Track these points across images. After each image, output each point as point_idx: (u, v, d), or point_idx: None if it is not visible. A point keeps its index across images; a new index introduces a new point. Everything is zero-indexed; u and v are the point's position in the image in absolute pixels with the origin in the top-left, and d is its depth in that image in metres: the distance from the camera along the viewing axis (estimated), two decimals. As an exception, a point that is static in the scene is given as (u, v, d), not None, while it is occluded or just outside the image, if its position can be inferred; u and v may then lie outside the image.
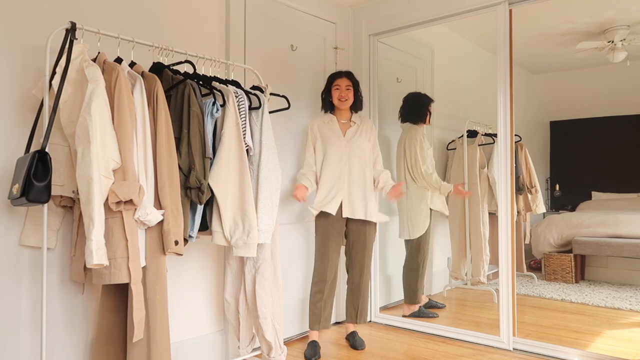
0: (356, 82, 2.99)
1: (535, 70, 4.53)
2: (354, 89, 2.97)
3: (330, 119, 3.00)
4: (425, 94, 3.62)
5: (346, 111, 3.01)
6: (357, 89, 2.99)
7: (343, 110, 3.00)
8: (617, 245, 3.83)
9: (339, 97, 2.94)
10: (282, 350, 2.51)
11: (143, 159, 1.92)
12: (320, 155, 2.95)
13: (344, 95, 2.93)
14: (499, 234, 2.94)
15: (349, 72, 3.00)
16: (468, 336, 3.06)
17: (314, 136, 2.98)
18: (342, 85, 2.95)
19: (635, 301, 3.60)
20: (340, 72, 2.99)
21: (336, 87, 2.96)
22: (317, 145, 2.96)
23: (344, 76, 2.96)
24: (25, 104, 2.02)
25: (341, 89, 2.94)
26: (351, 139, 2.96)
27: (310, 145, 2.98)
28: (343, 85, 2.95)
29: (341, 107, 2.97)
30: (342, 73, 2.98)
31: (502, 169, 2.94)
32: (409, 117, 3.53)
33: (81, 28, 1.93)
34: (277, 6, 3.12)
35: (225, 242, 2.25)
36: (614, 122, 4.20)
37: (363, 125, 3.02)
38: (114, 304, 2.05)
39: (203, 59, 2.40)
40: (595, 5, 3.64)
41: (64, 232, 2.11)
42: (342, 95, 2.93)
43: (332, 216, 2.89)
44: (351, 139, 2.96)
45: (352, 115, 3.03)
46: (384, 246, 3.68)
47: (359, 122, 3.02)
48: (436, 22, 3.27)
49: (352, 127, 3.00)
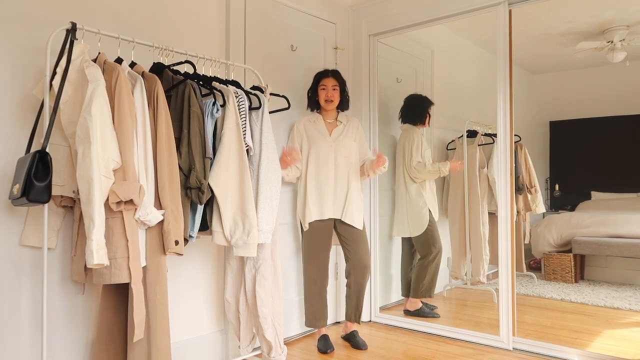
0: (342, 82, 2.98)
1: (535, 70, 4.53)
2: (340, 89, 2.96)
3: (316, 118, 3.00)
4: (425, 96, 3.63)
5: (333, 111, 3.01)
6: (343, 89, 2.98)
7: (329, 110, 3.00)
8: (616, 245, 3.83)
9: (325, 97, 2.94)
10: (282, 350, 2.51)
11: (143, 159, 1.92)
12: (305, 155, 2.95)
13: (330, 96, 2.93)
14: (498, 233, 2.95)
15: (335, 72, 2.98)
16: (468, 336, 3.06)
17: (299, 135, 2.98)
18: (329, 85, 2.94)
19: (635, 301, 3.60)
20: (327, 72, 2.97)
21: (322, 87, 2.95)
22: (303, 145, 2.97)
23: (331, 76, 2.95)
24: (25, 104, 2.03)
25: (327, 89, 2.93)
26: (337, 139, 2.96)
27: (297, 144, 2.97)
28: (329, 85, 2.94)
29: (327, 108, 2.97)
30: (328, 72, 2.97)
31: (502, 169, 2.95)
32: (408, 119, 3.55)
33: (81, 28, 1.94)
34: (277, 6, 3.13)
35: (226, 242, 2.26)
36: (614, 122, 4.20)
37: (349, 124, 3.02)
38: (115, 303, 2.05)
39: (203, 59, 2.40)
40: (595, 5, 3.64)
41: (64, 232, 2.11)
42: (328, 96, 2.93)
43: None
44: (337, 139, 2.96)
45: (338, 114, 3.03)
46: (385, 246, 3.69)
47: (345, 121, 3.02)
48: (436, 22, 3.27)
49: (338, 126, 3.00)
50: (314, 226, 2.93)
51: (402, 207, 3.56)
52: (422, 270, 3.47)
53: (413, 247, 3.54)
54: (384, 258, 3.68)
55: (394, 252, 3.75)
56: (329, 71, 2.98)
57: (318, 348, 2.91)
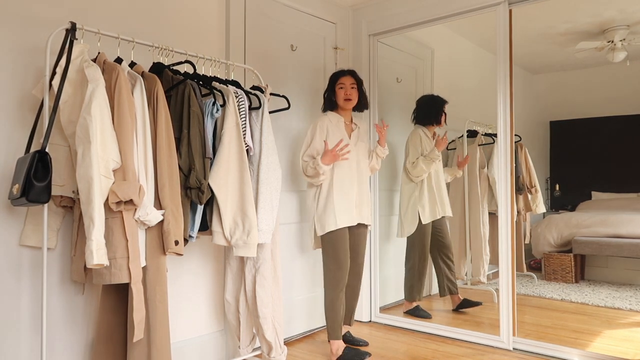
0: (360, 81, 2.89)
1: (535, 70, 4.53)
2: (358, 88, 2.87)
3: (337, 120, 2.87)
4: (438, 95, 3.63)
5: (349, 112, 2.92)
6: (361, 88, 2.89)
7: (347, 111, 2.90)
8: (617, 245, 3.83)
9: (345, 96, 2.82)
10: (282, 350, 2.51)
11: (143, 159, 1.92)
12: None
13: (350, 94, 2.82)
14: (499, 233, 2.95)
15: (352, 71, 2.89)
16: (468, 336, 3.06)
17: (323, 134, 2.79)
18: (347, 84, 2.82)
19: (635, 301, 3.60)
20: (344, 71, 2.88)
21: (340, 85, 2.83)
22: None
23: (348, 74, 2.85)
24: (25, 104, 2.02)
25: (346, 88, 2.82)
26: (357, 143, 2.89)
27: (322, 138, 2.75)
28: (348, 83, 2.83)
29: (346, 107, 2.85)
30: (345, 71, 2.87)
31: (502, 169, 2.95)
32: (423, 120, 3.56)
33: (81, 28, 1.93)
34: (277, 6, 3.12)
35: (225, 242, 2.25)
36: (614, 122, 4.20)
37: (361, 127, 2.98)
38: (114, 304, 2.05)
39: (203, 59, 2.40)
40: (595, 5, 3.64)
41: (64, 232, 2.11)
42: (347, 94, 2.81)
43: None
44: (357, 143, 2.89)
45: (352, 117, 2.98)
46: (385, 245, 3.69)
47: (359, 123, 2.96)
48: (436, 22, 3.27)
49: (354, 130, 2.92)
50: (339, 232, 2.77)
51: (399, 208, 3.58)
52: (408, 273, 3.54)
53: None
54: (384, 258, 3.68)
55: (394, 253, 3.75)
56: (346, 70, 2.88)
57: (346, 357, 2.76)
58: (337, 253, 2.76)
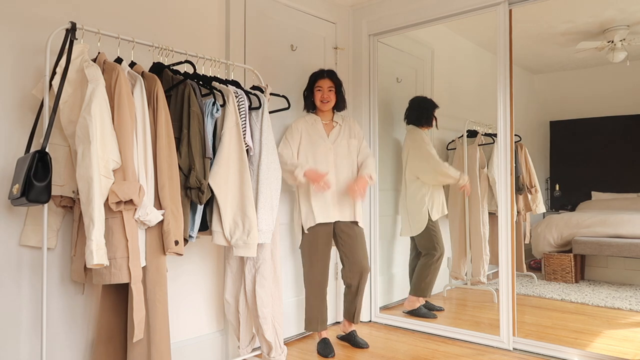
0: (339, 83, 2.94)
1: (535, 70, 4.53)
2: (336, 90, 2.92)
3: (314, 120, 2.95)
4: (430, 98, 3.64)
5: (329, 112, 2.99)
6: (339, 90, 2.94)
7: (326, 111, 2.97)
8: (617, 245, 3.83)
9: (321, 99, 2.90)
10: (282, 350, 2.51)
11: (143, 159, 1.92)
12: (304, 158, 2.87)
13: (326, 97, 2.89)
14: (498, 234, 2.94)
15: (331, 73, 2.92)
16: (468, 336, 3.06)
17: (298, 135, 2.90)
18: (324, 87, 2.89)
19: (635, 301, 3.60)
20: (323, 72, 2.92)
21: (318, 88, 2.91)
22: (301, 147, 2.89)
23: (326, 77, 2.90)
24: (25, 104, 2.02)
25: (323, 91, 2.89)
26: (335, 140, 2.94)
27: (295, 144, 2.88)
28: (325, 86, 2.89)
29: (323, 109, 2.93)
30: (324, 73, 2.91)
31: (502, 169, 2.95)
32: (414, 120, 3.57)
33: (81, 28, 1.94)
34: (277, 6, 3.13)
35: (225, 242, 2.25)
36: (614, 122, 4.20)
37: (345, 124, 3.00)
38: (114, 304, 2.05)
39: (203, 59, 2.40)
40: (595, 5, 3.64)
41: (64, 232, 2.11)
42: (324, 97, 2.89)
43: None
44: (335, 140, 2.94)
45: (334, 115, 3.01)
46: (386, 245, 3.69)
47: (341, 121, 3.00)
48: (436, 22, 3.27)
49: (334, 127, 2.98)
50: (317, 229, 2.88)
51: (403, 206, 3.57)
52: (424, 269, 3.48)
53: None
54: (385, 258, 3.68)
55: (394, 252, 3.75)
56: (324, 72, 2.92)
57: (318, 352, 2.88)
58: (311, 250, 2.90)
